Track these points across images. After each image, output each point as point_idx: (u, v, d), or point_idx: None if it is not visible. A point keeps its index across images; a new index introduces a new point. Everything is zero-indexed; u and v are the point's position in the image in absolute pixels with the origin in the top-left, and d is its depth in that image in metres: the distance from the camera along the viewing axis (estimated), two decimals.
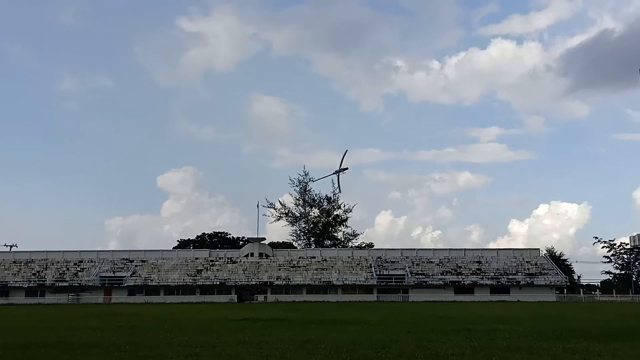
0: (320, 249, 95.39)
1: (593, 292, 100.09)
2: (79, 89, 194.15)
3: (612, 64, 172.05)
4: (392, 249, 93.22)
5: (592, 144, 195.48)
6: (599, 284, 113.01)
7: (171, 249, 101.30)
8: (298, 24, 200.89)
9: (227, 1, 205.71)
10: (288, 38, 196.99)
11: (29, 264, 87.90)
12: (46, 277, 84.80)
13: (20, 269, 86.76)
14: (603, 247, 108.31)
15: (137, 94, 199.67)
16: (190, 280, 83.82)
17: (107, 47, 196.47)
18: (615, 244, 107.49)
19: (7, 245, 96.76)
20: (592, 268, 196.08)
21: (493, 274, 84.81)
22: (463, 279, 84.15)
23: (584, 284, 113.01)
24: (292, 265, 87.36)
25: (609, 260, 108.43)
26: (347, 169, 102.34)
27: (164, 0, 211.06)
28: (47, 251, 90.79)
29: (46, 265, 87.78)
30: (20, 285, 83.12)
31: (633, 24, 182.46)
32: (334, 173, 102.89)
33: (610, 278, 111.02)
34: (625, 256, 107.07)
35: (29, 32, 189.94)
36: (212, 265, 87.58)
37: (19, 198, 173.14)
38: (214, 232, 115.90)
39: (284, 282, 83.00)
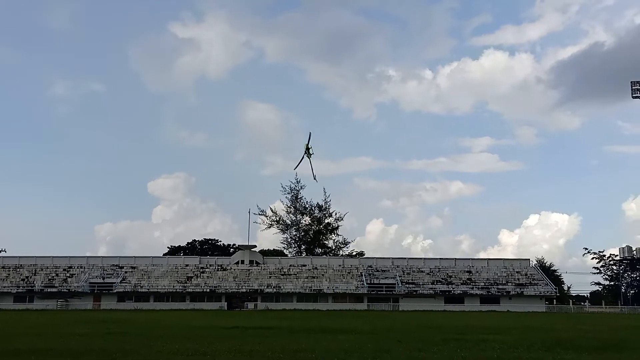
0: (311, 257, 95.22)
1: (582, 303, 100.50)
2: (70, 93, 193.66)
3: (603, 77, 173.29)
4: (383, 258, 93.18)
5: (582, 155, 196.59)
6: (588, 295, 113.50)
7: (161, 255, 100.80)
8: (291, 32, 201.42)
9: (221, 7, 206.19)
10: (281, 45, 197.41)
11: (18, 269, 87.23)
12: (35, 282, 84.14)
13: (9, 274, 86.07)
14: (593, 259, 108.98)
15: (129, 99, 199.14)
16: (180, 287, 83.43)
17: (100, 51, 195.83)
18: (604, 256, 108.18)
19: None
20: (582, 279, 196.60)
21: (483, 284, 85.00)
22: (453, 288, 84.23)
23: (574, 294, 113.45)
24: (282, 273, 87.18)
25: (598, 271, 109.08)
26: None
27: (157, 5, 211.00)
28: (36, 256, 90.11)
29: (35, 270, 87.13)
30: (9, 290, 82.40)
31: (624, 37, 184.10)
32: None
33: (600, 289, 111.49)
34: (614, 267, 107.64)
35: (21, 36, 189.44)
36: (203, 272, 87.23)
37: (8, 203, 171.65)
38: (205, 238, 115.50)
39: (275, 290, 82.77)
